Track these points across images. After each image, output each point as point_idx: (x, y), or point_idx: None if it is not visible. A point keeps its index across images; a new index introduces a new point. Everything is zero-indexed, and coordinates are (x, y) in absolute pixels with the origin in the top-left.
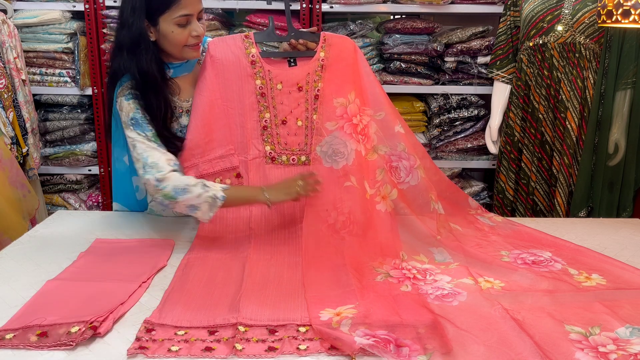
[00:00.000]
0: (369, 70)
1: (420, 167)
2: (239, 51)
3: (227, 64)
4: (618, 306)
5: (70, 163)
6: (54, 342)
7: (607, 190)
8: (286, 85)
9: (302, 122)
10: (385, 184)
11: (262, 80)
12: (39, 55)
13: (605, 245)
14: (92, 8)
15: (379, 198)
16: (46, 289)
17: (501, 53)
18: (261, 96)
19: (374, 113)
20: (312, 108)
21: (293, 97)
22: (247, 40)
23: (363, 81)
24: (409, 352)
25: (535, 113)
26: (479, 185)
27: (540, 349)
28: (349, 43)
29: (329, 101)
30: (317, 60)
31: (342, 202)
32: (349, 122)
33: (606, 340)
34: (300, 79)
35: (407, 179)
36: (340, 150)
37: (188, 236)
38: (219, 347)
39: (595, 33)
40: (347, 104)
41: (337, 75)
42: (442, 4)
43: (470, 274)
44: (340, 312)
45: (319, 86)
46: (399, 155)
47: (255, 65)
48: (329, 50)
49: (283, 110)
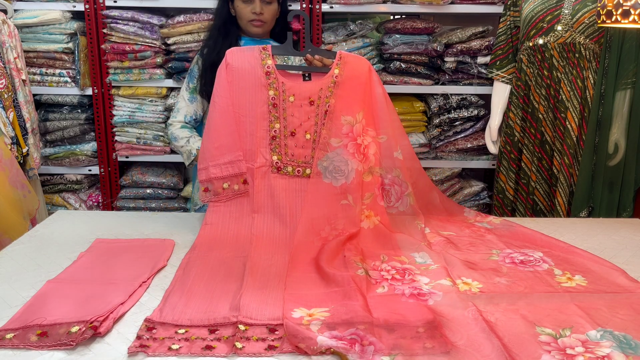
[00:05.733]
0: (383, 92)
1: (411, 195)
2: (255, 61)
3: (243, 73)
4: (594, 308)
5: (70, 163)
6: (54, 342)
7: (608, 190)
8: (298, 98)
9: (311, 136)
10: (369, 209)
11: (275, 91)
12: (39, 55)
13: (605, 245)
14: (92, 8)
15: (364, 217)
16: (46, 288)
17: (501, 53)
18: (273, 107)
19: (377, 135)
20: (322, 123)
21: (304, 111)
22: (264, 52)
23: (373, 102)
24: (373, 350)
25: (535, 113)
26: (479, 185)
27: (507, 351)
28: (364, 63)
29: (337, 118)
30: (331, 76)
31: (337, 219)
32: (353, 142)
33: (575, 342)
34: (312, 93)
35: (396, 204)
36: (341, 168)
37: (188, 236)
38: (220, 346)
39: (595, 33)
40: (354, 122)
41: (348, 93)
42: (442, 4)
43: (448, 274)
44: (313, 314)
45: (330, 102)
46: (393, 180)
47: (269, 76)
48: (343, 68)
49: (293, 122)
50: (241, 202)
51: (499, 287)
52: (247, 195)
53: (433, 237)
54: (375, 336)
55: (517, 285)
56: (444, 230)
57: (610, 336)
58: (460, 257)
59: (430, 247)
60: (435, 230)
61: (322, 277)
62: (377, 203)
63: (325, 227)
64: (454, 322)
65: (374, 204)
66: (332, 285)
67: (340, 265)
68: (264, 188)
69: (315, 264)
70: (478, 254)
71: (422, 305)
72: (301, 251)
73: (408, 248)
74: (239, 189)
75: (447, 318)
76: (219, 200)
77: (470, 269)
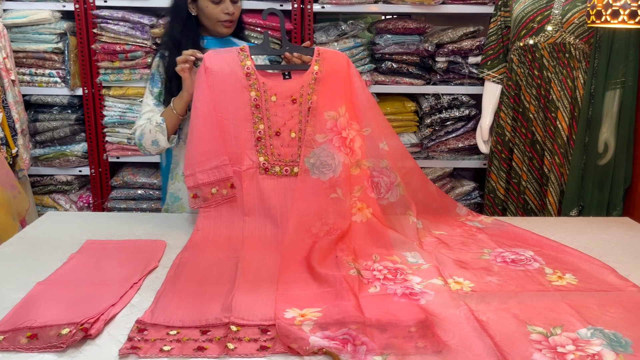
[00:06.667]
0: (362, 85)
1: (401, 185)
2: (234, 63)
3: (222, 76)
4: (584, 307)
5: (60, 164)
6: (45, 344)
7: (598, 189)
8: (280, 98)
9: (296, 134)
10: (361, 202)
11: (256, 92)
12: (28, 56)
13: (595, 244)
14: (82, 8)
15: (355, 210)
16: (36, 290)
17: (492, 53)
18: (255, 108)
19: (361, 128)
20: (306, 120)
21: (287, 109)
22: (243, 53)
23: (354, 96)
24: (366, 350)
25: (526, 113)
26: (470, 184)
27: (499, 350)
28: (343, 58)
29: (321, 114)
30: (311, 73)
31: (327, 213)
32: (338, 135)
33: (566, 340)
34: (294, 91)
35: (386, 195)
36: (328, 163)
37: (179, 237)
38: (211, 347)
39: (584, 33)
40: (337, 117)
41: (329, 88)
42: (433, 4)
43: (440, 274)
44: (305, 314)
45: (313, 99)
46: (381, 172)
47: (250, 77)
48: (322, 64)
49: (277, 121)
50: (231, 206)
51: (490, 286)
52: (236, 199)
53: (425, 236)
54: (367, 336)
55: (508, 284)
56: (436, 229)
57: (601, 334)
58: (452, 256)
59: (422, 246)
60: (427, 227)
61: (314, 277)
62: (368, 195)
63: (316, 222)
64: (445, 322)
65: (364, 196)
66: (324, 286)
67: (332, 265)
68: (253, 190)
69: (307, 264)
70: (469, 254)
71: (414, 305)
72: (292, 250)
73: (400, 247)
74: (228, 193)
75: (439, 317)
76: (209, 206)
77: (461, 268)
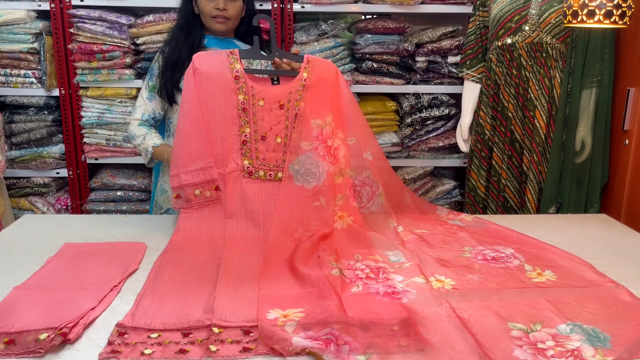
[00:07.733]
0: (350, 96)
1: (382, 195)
2: (223, 66)
3: (211, 78)
4: (564, 303)
5: (37, 166)
6: (22, 349)
7: (575, 186)
8: (268, 102)
9: (281, 140)
10: (342, 210)
11: (244, 96)
12: (3, 56)
13: (573, 240)
14: (58, 7)
15: (337, 217)
16: (13, 295)
17: (471, 53)
18: (242, 111)
19: (346, 137)
20: (292, 126)
21: (274, 114)
22: (232, 56)
23: (341, 105)
24: (349, 349)
25: (505, 112)
26: (451, 183)
27: (481, 347)
28: (332, 66)
29: (307, 121)
30: (300, 80)
31: (310, 220)
32: (323, 144)
33: (546, 336)
34: (282, 97)
35: (368, 204)
36: (312, 171)
37: (160, 239)
38: (193, 349)
39: (561, 33)
40: (323, 125)
41: (317, 96)
42: (413, 4)
43: (422, 272)
44: (287, 315)
45: (300, 105)
46: (363, 181)
47: (238, 80)
48: (311, 72)
49: (263, 126)
50: (214, 208)
51: (471, 283)
52: (220, 202)
53: (406, 235)
54: (350, 335)
55: (489, 281)
56: (417, 228)
57: (580, 330)
58: (433, 254)
59: (403, 245)
60: (409, 228)
61: (297, 278)
62: (350, 204)
63: (299, 228)
64: (427, 320)
65: (346, 204)
66: (307, 286)
67: (314, 265)
68: (236, 193)
69: (289, 265)
70: (451, 252)
71: (396, 304)
72: (275, 252)
73: (382, 247)
74: (211, 195)
75: (421, 316)
76: (191, 207)
77: (443, 266)
